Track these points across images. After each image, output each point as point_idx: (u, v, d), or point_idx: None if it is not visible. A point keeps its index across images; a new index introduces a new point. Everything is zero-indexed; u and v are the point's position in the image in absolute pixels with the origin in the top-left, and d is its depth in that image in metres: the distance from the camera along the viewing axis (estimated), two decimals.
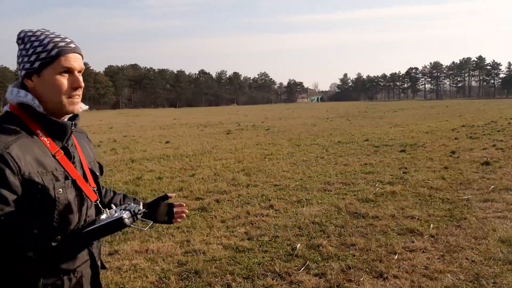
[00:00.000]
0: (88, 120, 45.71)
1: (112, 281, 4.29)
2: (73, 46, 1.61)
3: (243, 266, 4.60)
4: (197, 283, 4.25)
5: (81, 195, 1.60)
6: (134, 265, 4.68)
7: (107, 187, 6.23)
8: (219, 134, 21.88)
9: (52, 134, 1.58)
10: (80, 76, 1.62)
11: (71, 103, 1.60)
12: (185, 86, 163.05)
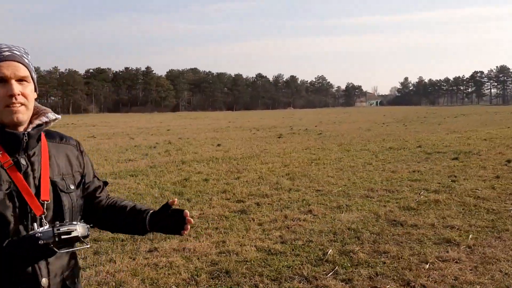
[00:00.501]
0: (149, 122, 47.55)
1: (148, 277, 4.56)
2: (6, 54, 1.55)
3: (273, 269, 4.73)
4: (227, 282, 4.43)
5: (23, 208, 1.53)
6: (170, 262, 4.93)
7: (157, 187, 6.57)
8: (270, 137, 22.09)
9: (4, 145, 1.55)
10: (19, 84, 1.55)
11: (9, 113, 1.52)
12: (243, 89, 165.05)
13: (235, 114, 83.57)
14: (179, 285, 4.37)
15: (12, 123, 1.55)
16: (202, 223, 6.49)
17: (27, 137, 1.57)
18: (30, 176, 1.58)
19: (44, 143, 1.69)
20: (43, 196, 1.58)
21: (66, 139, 1.79)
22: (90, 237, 5.57)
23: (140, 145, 18.87)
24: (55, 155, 1.69)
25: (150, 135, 26.26)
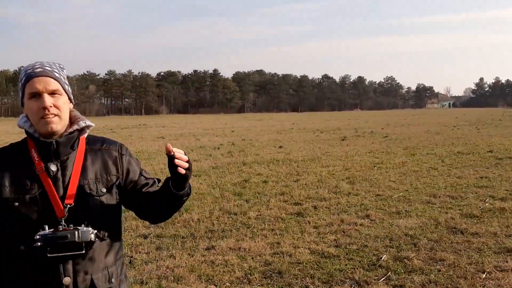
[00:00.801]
0: (214, 123, 48.74)
1: (204, 273, 4.79)
2: (38, 71, 1.70)
3: (325, 271, 4.80)
4: (278, 282, 4.55)
5: (49, 210, 1.66)
6: (226, 261, 5.14)
7: (218, 188, 6.84)
8: (334, 140, 21.92)
9: (40, 152, 1.71)
10: (51, 97, 1.69)
11: (44, 124, 1.68)
12: (308, 90, 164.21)
13: (300, 116, 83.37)
14: (233, 282, 4.55)
15: (47, 133, 1.70)
16: (258, 224, 6.66)
17: (55, 145, 1.70)
18: (59, 180, 1.71)
19: (81, 149, 1.80)
20: (67, 200, 1.69)
21: (107, 145, 1.87)
22: (153, 233, 5.95)
23: (205, 146, 19.47)
24: (91, 160, 1.79)
25: (215, 136, 26.96)
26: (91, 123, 1.82)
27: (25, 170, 1.71)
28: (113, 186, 1.81)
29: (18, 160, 1.73)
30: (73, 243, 1.61)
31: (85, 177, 1.75)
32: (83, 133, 1.81)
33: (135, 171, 1.89)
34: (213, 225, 6.63)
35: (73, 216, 1.68)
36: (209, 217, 7.09)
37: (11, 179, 1.70)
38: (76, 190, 1.72)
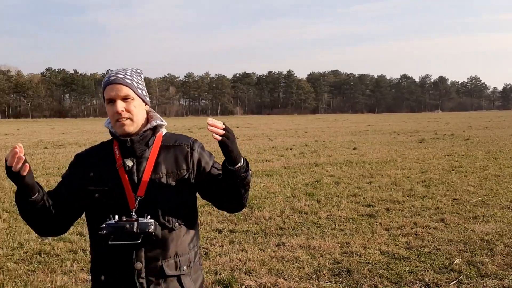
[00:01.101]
0: (288, 124, 48.97)
1: (275, 268, 4.98)
2: (112, 79, 1.90)
3: (394, 272, 4.80)
4: (347, 280, 4.64)
5: (122, 201, 1.86)
6: (296, 257, 5.31)
7: (289, 187, 7.05)
8: (411, 142, 21.25)
9: (120, 149, 1.94)
10: (123, 102, 1.89)
11: (119, 126, 1.90)
12: (386, 91, 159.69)
13: (376, 117, 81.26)
14: (302, 278, 4.70)
15: (123, 133, 1.91)
16: (329, 224, 6.75)
17: (131, 142, 1.90)
18: (134, 174, 1.90)
19: (156, 146, 1.96)
20: (138, 192, 1.87)
21: (180, 141, 2.00)
22: (226, 228, 6.25)
23: (277, 147, 19.72)
24: (164, 156, 1.95)
25: (287, 137, 27.16)
26: (162, 122, 1.99)
27: (107, 165, 1.93)
28: (183, 180, 1.93)
29: (104, 156, 1.96)
30: (131, 233, 1.75)
31: (156, 172, 1.91)
32: (157, 132, 1.98)
33: (207, 163, 1.99)
34: (284, 223, 6.81)
35: (143, 207, 1.84)
36: (280, 215, 7.28)
37: (95, 173, 1.93)
38: (147, 184, 1.88)
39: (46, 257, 5.36)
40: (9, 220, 7.08)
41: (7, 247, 5.74)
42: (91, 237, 1.97)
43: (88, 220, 1.97)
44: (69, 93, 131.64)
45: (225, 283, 4.54)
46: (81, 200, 1.93)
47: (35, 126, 52.76)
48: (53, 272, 4.86)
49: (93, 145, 2.09)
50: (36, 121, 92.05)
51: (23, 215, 1.88)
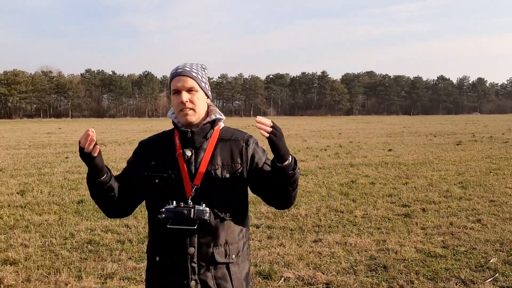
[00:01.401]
0: (321, 125, 48.82)
1: (312, 262, 5.16)
2: (179, 71, 2.02)
3: (430, 269, 4.90)
4: (383, 275, 4.77)
5: (180, 188, 1.97)
6: (332, 253, 5.47)
7: (324, 187, 7.23)
8: (448, 144, 20.93)
9: (181, 139, 2.05)
10: (188, 93, 2.00)
11: (182, 115, 2.01)
12: (422, 93, 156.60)
13: (412, 119, 79.87)
14: (339, 272, 4.86)
15: (185, 123, 2.02)
16: (365, 222, 6.86)
17: (191, 134, 2.01)
18: (192, 164, 1.99)
19: (213, 139, 2.05)
20: (195, 181, 1.97)
21: (236, 136, 2.10)
22: (264, 224, 6.47)
23: (312, 147, 19.81)
24: (220, 149, 2.05)
25: (321, 138, 27.17)
26: (221, 116, 2.08)
27: (168, 154, 2.03)
28: (236, 173, 2.02)
29: (165, 144, 2.07)
30: (188, 219, 1.87)
31: (213, 163, 2.00)
32: (215, 125, 2.07)
33: (260, 159, 2.07)
34: (320, 221, 6.97)
35: (199, 196, 1.94)
36: (316, 213, 7.44)
37: (157, 160, 2.04)
38: (203, 174, 1.97)
39: (96, 246, 5.72)
40: (59, 213, 7.52)
41: (60, 237, 6.14)
42: (150, 220, 2.09)
43: (147, 205, 2.08)
44: (107, 94, 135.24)
45: (265, 274, 4.75)
46: (143, 185, 2.05)
47: (75, 125, 54.55)
48: (104, 260, 5.19)
49: (155, 133, 2.20)
50: (76, 120, 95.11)
51: (92, 195, 2.02)
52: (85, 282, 4.54)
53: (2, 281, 4.56)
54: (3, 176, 11.65)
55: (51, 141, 25.69)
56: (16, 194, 9.05)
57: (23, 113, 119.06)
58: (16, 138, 28.87)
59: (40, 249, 5.62)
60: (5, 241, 5.95)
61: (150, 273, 2.09)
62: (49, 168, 13.22)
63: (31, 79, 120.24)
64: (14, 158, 16.00)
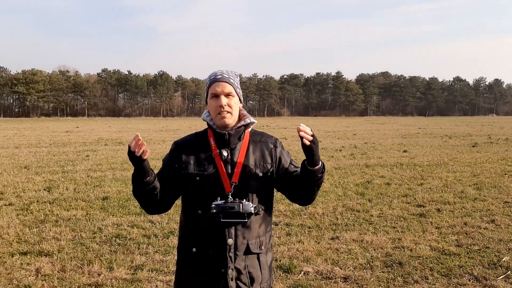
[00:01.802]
0: (336, 126, 48.84)
1: (330, 258, 5.39)
2: (219, 77, 2.20)
3: (444, 266, 5.09)
4: (398, 271, 4.97)
5: (220, 185, 2.15)
6: (349, 249, 5.69)
7: (340, 187, 7.46)
8: (463, 146, 20.93)
9: (216, 140, 2.22)
10: (226, 98, 2.18)
11: (220, 118, 2.18)
12: (437, 94, 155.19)
13: (427, 120, 79.32)
14: (356, 268, 5.08)
15: (222, 125, 2.19)
16: (380, 221, 7.06)
17: (228, 136, 2.19)
18: (228, 163, 2.18)
19: (246, 141, 2.23)
20: (233, 179, 2.15)
21: (265, 138, 2.32)
22: (283, 222, 6.71)
23: (327, 148, 19.99)
24: (252, 150, 2.25)
25: (336, 138, 27.30)
26: (254, 120, 2.27)
27: (205, 153, 2.21)
28: (267, 172, 2.23)
29: (200, 145, 2.24)
30: (238, 213, 2.07)
31: (247, 162, 2.20)
32: (247, 128, 2.26)
33: (286, 161, 2.30)
34: (337, 219, 7.19)
35: (237, 192, 2.14)
36: (332, 212, 7.66)
37: (195, 159, 2.20)
38: (240, 173, 2.17)
39: (124, 240, 6.02)
40: (86, 208, 7.86)
41: (89, 231, 6.46)
42: (186, 215, 2.24)
43: (185, 201, 2.24)
44: (122, 93, 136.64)
45: (285, 268, 5.00)
46: (182, 182, 2.21)
47: (92, 124, 55.40)
48: (132, 253, 5.49)
49: (189, 134, 2.38)
50: (92, 119, 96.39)
51: (136, 193, 2.16)
52: (117, 272, 4.83)
53: (39, 271, 4.87)
54: (29, 173, 12.08)
55: (70, 139, 26.25)
56: (43, 190, 9.44)
57: (41, 112, 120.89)
58: (36, 136, 29.55)
59: (71, 242, 5.95)
60: (37, 234, 6.29)
61: (185, 264, 2.25)
62: (72, 166, 13.64)
63: (49, 78, 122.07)
64: (37, 156, 16.49)
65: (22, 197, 8.75)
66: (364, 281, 4.67)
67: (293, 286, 4.57)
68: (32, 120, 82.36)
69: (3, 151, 18.68)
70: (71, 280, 4.65)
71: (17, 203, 8.26)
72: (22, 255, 5.43)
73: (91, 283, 4.56)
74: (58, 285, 4.53)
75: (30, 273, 4.84)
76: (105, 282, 4.57)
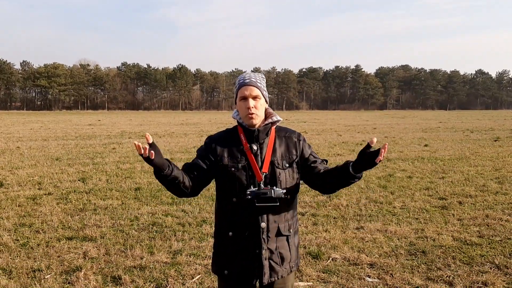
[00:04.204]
0: (355, 120, 48.74)
1: (356, 246, 5.67)
2: (247, 81, 2.42)
3: (466, 255, 5.33)
4: (422, 259, 5.23)
5: (252, 175, 2.40)
6: (374, 238, 5.96)
7: (363, 179, 7.71)
8: (485, 140, 20.87)
9: (246, 137, 2.47)
10: (254, 100, 2.41)
11: (248, 119, 2.42)
12: (459, 87, 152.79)
13: (448, 114, 78.43)
14: (381, 255, 5.35)
15: (250, 125, 2.44)
16: (403, 213, 7.30)
17: (257, 132, 2.44)
18: (258, 156, 2.44)
19: (272, 136, 2.49)
20: (263, 169, 2.41)
21: (289, 133, 2.58)
22: (309, 212, 7.00)
23: (347, 142, 20.17)
24: (278, 144, 2.51)
25: (356, 132, 27.40)
26: (280, 118, 2.52)
27: (237, 147, 2.45)
28: (293, 163, 2.49)
29: (232, 140, 2.49)
30: (270, 198, 2.31)
31: (274, 155, 2.46)
32: (274, 125, 2.52)
33: (307, 152, 2.56)
34: (361, 211, 7.45)
35: (267, 181, 2.39)
36: (356, 203, 7.93)
37: (228, 152, 2.45)
38: (269, 164, 2.43)
39: (160, 227, 6.40)
40: (121, 198, 8.28)
41: (126, 219, 6.86)
42: (222, 202, 2.50)
43: (221, 189, 2.50)
44: (142, 87, 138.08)
45: (314, 254, 5.30)
46: (215, 172, 2.46)
47: (113, 118, 56.37)
48: (169, 240, 5.86)
49: (220, 130, 2.64)
50: (113, 112, 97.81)
51: (162, 184, 2.34)
52: (157, 256, 5.20)
53: (86, 254, 5.28)
54: (61, 164, 12.61)
55: (95, 132, 26.92)
56: (78, 181, 9.91)
57: (62, 105, 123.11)
58: (61, 129, 30.35)
59: (111, 229, 6.35)
60: (79, 221, 6.72)
61: (223, 247, 2.50)
62: (101, 158, 14.14)
63: (70, 72, 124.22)
64: (66, 148, 17.07)
65: (59, 187, 9.24)
66: (389, 268, 4.95)
67: (323, 271, 4.87)
68: (54, 113, 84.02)
69: (33, 143, 19.36)
70: (117, 262, 5.04)
71: (55, 192, 8.74)
72: (68, 240, 5.86)
73: (135, 265, 4.94)
74: (105, 266, 4.92)
75: (78, 256, 5.26)
76: (148, 265, 4.95)
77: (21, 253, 5.35)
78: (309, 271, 4.82)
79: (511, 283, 4.52)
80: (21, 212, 7.22)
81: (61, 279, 4.61)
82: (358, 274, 4.77)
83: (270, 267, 2.45)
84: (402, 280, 4.60)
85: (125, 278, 4.58)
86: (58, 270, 4.83)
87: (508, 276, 4.69)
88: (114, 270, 4.80)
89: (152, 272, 4.76)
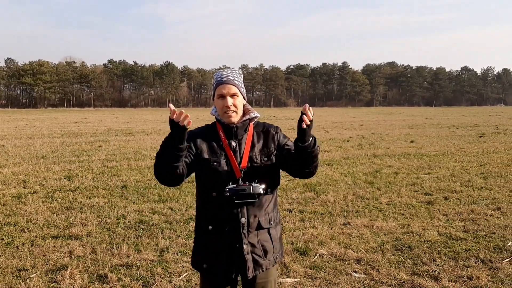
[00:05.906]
0: (342, 117, 48.96)
1: (343, 242, 5.70)
2: (224, 79, 2.45)
3: (451, 250, 5.39)
4: (408, 254, 5.28)
5: (231, 171, 2.43)
6: (361, 234, 6.00)
7: (350, 176, 7.80)
8: (470, 136, 21.12)
9: (225, 132, 2.50)
10: (232, 98, 2.44)
11: (227, 117, 2.46)
12: (444, 84, 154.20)
13: (434, 110, 79.22)
14: (368, 250, 5.39)
15: (229, 122, 2.48)
16: (389, 209, 7.36)
17: (235, 128, 2.48)
18: (237, 152, 2.48)
19: (250, 132, 2.53)
20: (242, 165, 2.45)
21: (267, 128, 2.61)
22: (296, 209, 7.02)
23: (335, 138, 20.26)
24: (257, 139, 2.56)
25: (343, 129, 27.53)
26: (258, 114, 2.57)
27: (216, 143, 2.49)
28: (271, 156, 2.53)
29: (211, 136, 2.52)
30: (249, 194, 2.36)
31: (253, 150, 2.51)
32: (252, 121, 2.57)
33: (282, 141, 2.60)
34: (348, 207, 7.49)
35: (246, 176, 2.43)
36: (343, 199, 7.97)
37: (208, 147, 2.48)
38: (247, 159, 2.47)
39: (147, 225, 6.37)
40: (107, 196, 8.22)
41: (113, 217, 6.81)
42: (201, 196, 2.54)
43: (200, 183, 2.53)
44: (128, 84, 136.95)
45: (301, 250, 5.32)
46: (196, 163, 2.45)
47: (100, 115, 55.85)
48: (156, 237, 5.83)
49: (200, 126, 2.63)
50: (99, 110, 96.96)
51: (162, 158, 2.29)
52: (144, 254, 5.17)
53: (72, 253, 5.23)
54: (46, 163, 12.47)
55: (81, 130, 26.66)
56: (63, 180, 9.81)
57: (48, 103, 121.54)
58: (47, 127, 29.98)
59: (97, 227, 6.30)
60: (65, 220, 6.65)
61: (202, 241, 2.53)
62: (87, 156, 14.01)
63: (55, 69, 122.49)
64: (51, 146, 16.88)
65: (45, 186, 9.14)
66: (376, 263, 4.98)
67: (310, 267, 4.89)
68: (39, 111, 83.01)
69: (18, 141, 19.11)
70: (103, 260, 5.00)
71: (41, 191, 8.64)
72: (53, 238, 5.80)
73: (122, 264, 4.91)
74: (91, 265, 4.88)
75: (64, 254, 5.21)
76: (135, 263, 4.92)
77: (6, 252, 5.29)
78: (296, 267, 4.84)
79: (495, 277, 4.58)
80: (6, 211, 7.13)
81: (47, 278, 4.56)
82: (345, 269, 4.80)
83: (254, 260, 2.48)
84: (388, 275, 4.64)
85: (111, 276, 4.55)
86: (44, 269, 4.78)
87: (492, 270, 4.75)
88: (100, 269, 4.77)
89: (139, 270, 4.74)
